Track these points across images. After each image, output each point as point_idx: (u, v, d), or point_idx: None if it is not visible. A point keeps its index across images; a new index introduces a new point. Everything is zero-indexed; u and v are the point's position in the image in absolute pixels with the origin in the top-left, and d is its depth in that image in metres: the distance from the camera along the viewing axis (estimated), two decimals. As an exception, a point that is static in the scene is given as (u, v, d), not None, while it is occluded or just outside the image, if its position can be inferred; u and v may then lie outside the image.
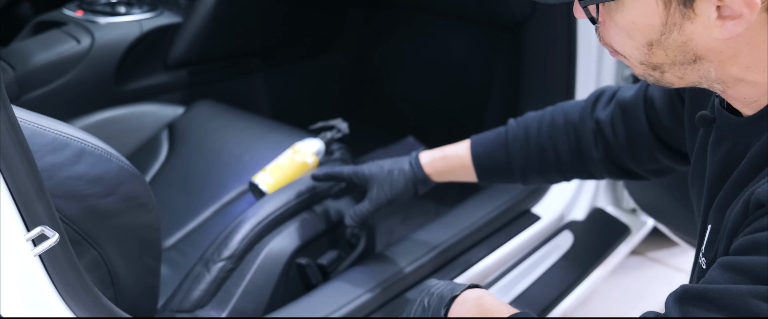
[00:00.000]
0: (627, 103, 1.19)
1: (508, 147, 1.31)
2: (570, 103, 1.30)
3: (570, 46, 1.79)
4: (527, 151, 1.29)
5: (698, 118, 0.94)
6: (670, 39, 0.80)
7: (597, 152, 1.23)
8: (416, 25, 2.40)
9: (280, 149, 1.58)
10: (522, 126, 1.31)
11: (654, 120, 1.15)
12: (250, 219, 1.38)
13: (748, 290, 0.72)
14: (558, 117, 1.28)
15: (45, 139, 0.95)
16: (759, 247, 0.74)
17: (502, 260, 1.67)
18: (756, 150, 0.82)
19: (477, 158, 1.34)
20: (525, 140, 1.29)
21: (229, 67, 2.24)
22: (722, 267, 0.77)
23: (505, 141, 1.31)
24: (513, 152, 1.30)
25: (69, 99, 1.89)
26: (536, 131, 1.29)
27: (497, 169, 1.33)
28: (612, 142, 1.21)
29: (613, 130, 1.20)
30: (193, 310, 1.30)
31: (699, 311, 0.76)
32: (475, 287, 1.04)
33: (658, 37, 0.80)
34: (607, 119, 1.21)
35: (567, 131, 1.26)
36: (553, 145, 1.27)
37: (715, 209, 0.88)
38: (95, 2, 2.06)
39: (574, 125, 1.26)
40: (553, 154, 1.27)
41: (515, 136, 1.31)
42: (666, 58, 0.82)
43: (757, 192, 0.77)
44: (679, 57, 0.81)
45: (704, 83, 0.84)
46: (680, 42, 0.80)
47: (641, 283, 2.21)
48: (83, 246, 1.00)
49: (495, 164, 1.32)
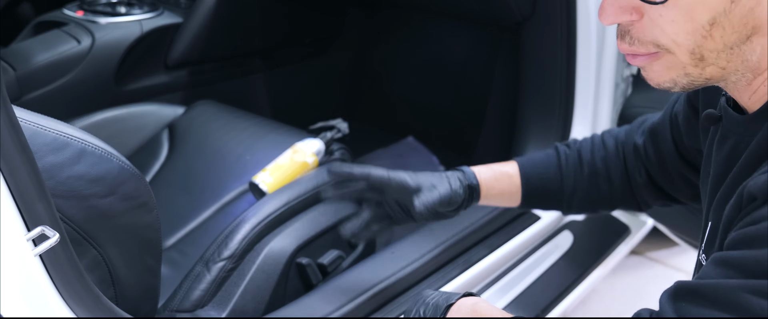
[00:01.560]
0: (656, 126, 1.19)
1: (562, 170, 1.26)
2: (618, 128, 1.29)
3: (570, 46, 1.79)
4: (581, 175, 1.25)
5: (705, 117, 0.94)
6: (738, 7, 0.77)
7: (640, 177, 1.22)
8: (416, 25, 2.40)
9: (280, 149, 1.58)
10: (574, 149, 1.27)
11: (678, 140, 1.14)
12: (250, 219, 1.38)
13: (740, 285, 0.72)
14: (608, 140, 1.26)
15: (45, 139, 0.95)
16: (750, 241, 0.74)
17: (502, 260, 1.67)
18: (754, 146, 0.82)
19: (526, 177, 1.27)
20: (578, 163, 1.26)
21: (229, 68, 2.24)
22: (715, 262, 0.77)
23: (557, 163, 1.27)
24: (567, 174, 1.26)
25: (69, 99, 1.89)
26: (590, 155, 1.26)
27: (546, 190, 1.27)
28: (647, 165, 1.21)
29: (647, 154, 1.20)
30: (193, 310, 1.30)
31: (692, 306, 0.76)
32: (469, 296, 1.05)
33: (727, 7, 0.77)
34: (642, 143, 1.21)
35: (618, 155, 1.25)
36: (605, 170, 1.24)
37: (716, 206, 0.88)
38: (96, 2, 2.06)
39: (622, 147, 1.25)
40: (605, 179, 1.24)
41: (567, 158, 1.27)
42: (721, 39, 0.79)
43: (749, 185, 0.77)
44: (736, 34, 0.78)
45: (739, 73, 0.82)
46: (748, 9, 0.77)
47: (641, 283, 2.21)
48: (84, 246, 1.00)
49: (545, 184, 1.27)
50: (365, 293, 1.39)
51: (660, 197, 1.23)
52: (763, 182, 0.75)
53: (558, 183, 1.27)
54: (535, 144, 1.87)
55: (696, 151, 1.11)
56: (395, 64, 2.47)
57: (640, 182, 1.22)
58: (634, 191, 1.24)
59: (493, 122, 2.15)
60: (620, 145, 1.25)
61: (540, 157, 1.30)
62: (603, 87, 1.83)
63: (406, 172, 1.24)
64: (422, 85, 2.40)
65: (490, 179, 1.28)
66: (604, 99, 1.84)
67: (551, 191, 1.27)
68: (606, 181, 1.24)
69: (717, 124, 0.93)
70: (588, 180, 1.25)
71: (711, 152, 0.95)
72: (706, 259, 0.89)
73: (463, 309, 1.02)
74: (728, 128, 0.90)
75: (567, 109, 1.83)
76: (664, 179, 1.20)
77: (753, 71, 0.82)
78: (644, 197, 1.24)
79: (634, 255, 2.30)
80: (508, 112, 2.02)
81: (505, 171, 1.29)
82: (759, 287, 0.71)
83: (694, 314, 0.76)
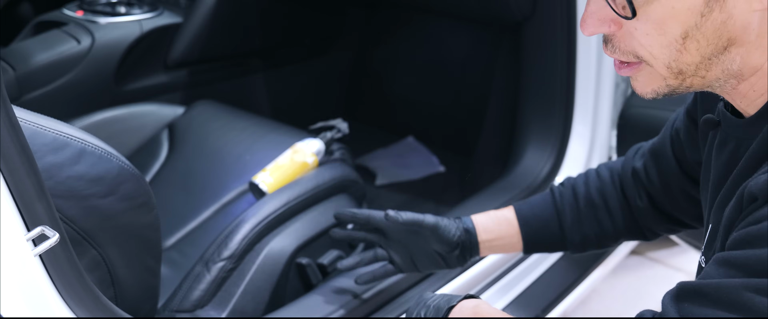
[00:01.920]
0: (656, 145, 1.18)
1: (557, 206, 1.25)
2: (613, 160, 1.28)
3: (570, 46, 1.79)
4: (578, 209, 1.24)
5: (704, 122, 0.94)
6: (709, 22, 0.77)
7: (641, 202, 1.20)
8: (416, 25, 2.40)
9: (280, 149, 1.58)
10: (568, 186, 1.26)
11: (681, 157, 1.13)
12: (250, 219, 1.38)
13: (742, 284, 0.72)
14: (603, 171, 1.25)
15: (45, 139, 0.95)
16: (752, 240, 0.74)
17: (502, 260, 1.67)
18: (754, 148, 0.83)
19: (524, 220, 1.26)
20: (573, 198, 1.24)
21: (229, 67, 2.24)
22: (717, 262, 0.77)
23: (552, 201, 1.26)
24: (562, 211, 1.24)
25: (69, 99, 1.89)
26: (584, 188, 1.24)
27: (546, 231, 1.25)
28: (649, 188, 1.19)
29: (648, 176, 1.18)
30: (193, 310, 1.30)
31: (694, 306, 0.76)
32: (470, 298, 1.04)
33: (697, 22, 0.77)
34: (642, 167, 1.19)
35: (614, 184, 1.23)
36: (603, 201, 1.23)
37: (716, 209, 0.88)
38: (95, 2, 2.06)
39: (619, 176, 1.23)
40: (604, 210, 1.23)
41: (562, 194, 1.25)
42: (697, 52, 0.79)
43: (750, 186, 0.77)
44: (711, 46, 0.79)
45: (721, 80, 0.82)
46: (720, 22, 0.77)
47: (641, 283, 2.21)
48: (83, 246, 1.00)
49: (544, 225, 1.25)
50: (365, 293, 1.39)
51: (665, 221, 1.21)
52: (763, 181, 0.75)
53: (556, 221, 1.25)
54: (535, 144, 1.87)
55: (699, 165, 1.10)
56: (395, 64, 2.47)
57: (642, 207, 1.20)
58: (637, 219, 1.22)
59: (493, 122, 2.15)
60: (616, 173, 1.23)
61: (535, 199, 1.29)
62: (603, 87, 1.83)
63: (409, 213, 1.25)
64: (422, 85, 2.40)
65: (487, 222, 1.27)
66: (604, 99, 1.84)
67: (551, 231, 1.25)
68: (605, 212, 1.23)
69: (716, 128, 0.93)
70: (586, 214, 1.23)
71: (710, 157, 0.95)
72: (706, 260, 0.89)
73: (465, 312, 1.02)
74: (727, 132, 0.90)
75: (567, 109, 1.83)
76: (667, 200, 1.18)
77: (736, 78, 0.82)
78: (649, 224, 1.22)
79: (634, 255, 2.30)
80: (508, 112, 2.02)
81: (501, 215, 1.28)
82: (761, 285, 0.71)
83: (697, 314, 0.76)
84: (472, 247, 1.26)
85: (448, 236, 1.24)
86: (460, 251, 1.26)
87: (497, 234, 1.27)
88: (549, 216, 1.25)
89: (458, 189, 2.16)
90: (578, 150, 1.85)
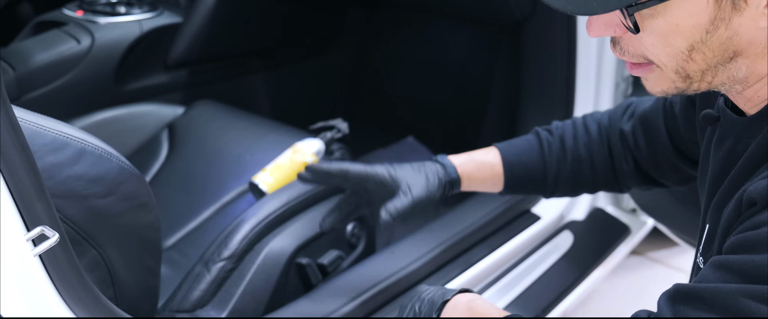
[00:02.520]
0: (647, 114, 1.18)
1: (545, 156, 1.26)
2: (600, 112, 1.29)
3: (570, 46, 1.79)
4: (564, 162, 1.25)
5: (703, 117, 0.94)
6: (714, 37, 0.77)
7: (627, 164, 1.22)
8: (416, 25, 2.40)
9: (280, 149, 1.58)
10: (557, 136, 1.27)
11: (673, 130, 1.14)
12: (250, 219, 1.38)
13: (738, 289, 0.72)
14: (591, 125, 1.26)
15: (45, 139, 0.95)
16: (750, 245, 0.74)
17: (502, 260, 1.67)
18: (753, 148, 0.83)
19: (508, 165, 1.27)
20: (561, 150, 1.25)
21: (229, 67, 2.24)
22: (714, 266, 0.77)
23: (540, 150, 1.27)
24: (550, 162, 1.26)
25: (69, 99, 1.89)
26: (573, 141, 1.25)
27: (529, 178, 1.27)
28: (635, 153, 1.21)
29: (636, 143, 1.20)
30: (193, 310, 1.30)
31: (690, 310, 0.76)
32: (465, 292, 1.04)
33: (702, 37, 0.78)
34: (630, 130, 1.21)
35: (601, 141, 1.24)
36: (589, 156, 1.24)
37: (713, 208, 0.88)
38: (95, 2, 2.06)
39: (607, 134, 1.24)
40: (589, 165, 1.24)
41: (550, 144, 1.26)
42: (703, 62, 0.80)
43: (749, 190, 0.77)
44: (717, 57, 0.79)
45: (726, 85, 0.83)
46: (725, 38, 0.77)
47: (641, 283, 2.21)
48: (83, 246, 1.00)
49: (528, 172, 1.26)
50: (365, 293, 1.39)
51: (644, 182, 1.24)
52: (762, 187, 0.75)
53: (541, 171, 1.27)
54: (535, 144, 1.87)
55: (692, 142, 1.11)
56: (395, 63, 2.47)
57: (626, 169, 1.22)
58: (618, 176, 1.24)
59: (493, 122, 2.15)
60: (604, 131, 1.24)
61: (521, 144, 1.29)
62: (603, 87, 1.83)
63: (385, 166, 1.24)
64: (423, 85, 2.40)
65: (472, 169, 1.28)
66: (604, 99, 1.84)
67: (534, 178, 1.27)
68: (590, 167, 1.24)
69: (715, 124, 0.93)
70: (571, 166, 1.25)
71: (708, 152, 0.95)
72: (703, 261, 0.89)
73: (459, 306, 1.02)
74: (726, 129, 0.90)
75: (567, 109, 1.83)
76: (652, 167, 1.20)
77: (742, 83, 0.82)
78: (627, 181, 1.24)
79: (634, 255, 2.30)
80: (509, 112, 2.02)
81: (487, 161, 1.28)
82: (758, 291, 0.71)
83: (692, 317, 0.76)
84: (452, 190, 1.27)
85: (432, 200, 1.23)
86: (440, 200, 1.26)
87: (480, 180, 1.28)
88: (535, 165, 1.27)
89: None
90: (578, 150, 1.85)
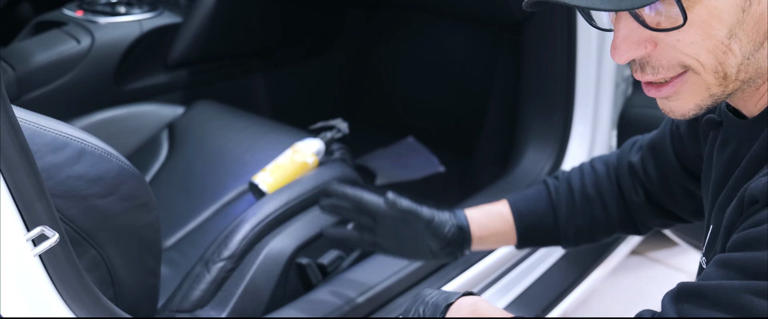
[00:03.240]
0: (655, 140, 1.17)
1: (553, 201, 1.24)
2: (606, 154, 1.27)
3: (570, 46, 1.79)
4: (573, 203, 1.23)
5: (705, 122, 0.94)
6: (749, 16, 0.76)
7: (637, 196, 1.19)
8: (416, 25, 2.40)
9: (280, 149, 1.58)
10: (563, 180, 1.25)
11: (681, 152, 1.13)
12: (250, 219, 1.38)
13: (741, 286, 0.73)
14: (598, 165, 1.24)
15: (45, 139, 0.95)
16: (752, 242, 0.74)
17: (502, 260, 1.67)
18: (756, 149, 0.83)
19: (519, 215, 1.25)
20: (568, 192, 1.23)
21: (229, 67, 2.24)
22: (717, 264, 0.77)
23: (547, 195, 1.25)
24: (558, 205, 1.24)
25: (69, 99, 1.89)
26: (579, 182, 1.24)
27: (541, 224, 1.24)
28: (646, 183, 1.18)
29: (645, 170, 1.18)
30: (193, 310, 1.30)
31: (694, 307, 0.77)
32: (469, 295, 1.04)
33: (740, 18, 0.76)
34: (639, 161, 1.19)
35: (610, 178, 1.22)
36: (598, 195, 1.22)
37: (717, 210, 0.88)
38: (95, 2, 2.06)
39: (615, 170, 1.22)
40: (600, 204, 1.22)
41: (557, 189, 1.25)
42: (740, 51, 0.78)
43: (751, 188, 0.77)
44: (751, 43, 0.78)
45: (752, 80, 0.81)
46: (758, 15, 0.76)
47: (641, 283, 2.21)
48: (83, 246, 1.00)
49: (539, 219, 1.24)
50: (365, 293, 1.39)
51: (660, 216, 1.21)
52: (763, 184, 0.75)
53: (551, 216, 1.24)
54: (535, 144, 1.87)
55: (700, 159, 1.10)
56: (395, 63, 2.47)
57: (638, 202, 1.19)
58: (632, 213, 1.22)
59: (493, 122, 2.15)
60: (612, 167, 1.23)
61: (530, 192, 1.28)
62: (603, 87, 1.83)
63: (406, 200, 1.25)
64: (422, 85, 2.40)
65: (482, 217, 1.27)
66: (604, 99, 1.84)
67: (546, 226, 1.25)
68: (600, 206, 1.22)
69: (717, 129, 0.93)
70: (581, 208, 1.23)
71: (711, 157, 0.95)
72: (707, 262, 0.89)
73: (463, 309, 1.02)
74: (729, 133, 0.90)
75: (567, 109, 1.83)
76: (664, 195, 1.18)
77: (762, 77, 0.82)
78: (643, 218, 1.22)
79: (634, 255, 2.30)
80: (509, 112, 2.02)
81: (496, 210, 1.27)
82: (761, 288, 0.71)
83: (696, 315, 0.76)
84: (464, 242, 1.26)
85: (442, 232, 1.24)
86: (451, 247, 1.25)
87: (491, 230, 1.27)
88: (544, 211, 1.25)
89: (458, 189, 2.16)
90: (578, 150, 1.85)
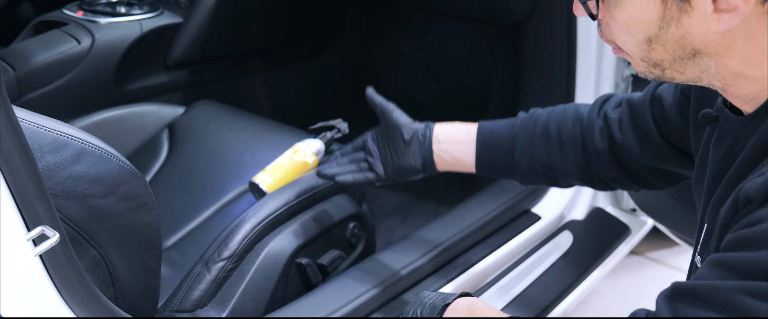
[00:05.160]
0: (635, 102, 1.18)
1: (514, 129, 1.27)
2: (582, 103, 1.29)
3: (570, 46, 1.79)
4: (532, 135, 1.25)
5: (702, 116, 0.94)
6: (668, 34, 0.81)
7: (601, 143, 1.20)
8: (416, 25, 2.40)
9: (280, 149, 1.58)
10: (532, 113, 1.29)
11: (661, 120, 1.13)
12: (250, 219, 1.38)
13: (734, 286, 0.73)
14: (569, 109, 1.27)
15: (45, 139, 0.95)
16: (746, 242, 0.74)
17: (502, 259, 1.67)
18: (750, 147, 0.83)
19: (481, 135, 1.29)
20: (532, 125, 1.26)
21: (229, 67, 2.24)
22: (711, 264, 0.77)
23: (512, 124, 1.29)
24: (517, 133, 1.27)
25: (69, 99, 1.89)
26: (545, 118, 1.26)
27: (498, 150, 1.28)
28: (618, 139, 1.19)
29: (621, 128, 1.18)
30: (193, 310, 1.30)
31: (687, 307, 0.77)
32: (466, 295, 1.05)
33: (656, 32, 0.81)
34: (616, 118, 1.20)
35: (574, 123, 1.24)
36: (557, 132, 1.24)
37: (712, 208, 0.88)
38: (95, 2, 2.06)
39: (581, 119, 1.24)
40: (557, 142, 1.24)
41: (524, 121, 1.28)
42: (665, 53, 0.83)
43: (745, 188, 0.77)
44: (678, 52, 0.82)
45: (705, 80, 0.84)
46: (678, 36, 0.80)
47: (641, 283, 2.21)
48: (83, 246, 1.00)
49: (498, 143, 1.28)
50: (365, 293, 1.39)
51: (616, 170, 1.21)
52: (758, 184, 0.75)
53: (509, 144, 1.27)
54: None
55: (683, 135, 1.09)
56: (396, 63, 2.47)
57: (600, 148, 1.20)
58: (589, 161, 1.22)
59: (493, 122, 2.15)
60: (580, 114, 1.24)
61: (501, 120, 1.32)
62: (603, 87, 1.83)
63: None
64: (422, 85, 2.40)
65: (448, 126, 1.32)
66: (604, 99, 1.84)
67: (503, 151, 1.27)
68: (557, 145, 1.24)
69: (714, 124, 0.93)
70: (539, 142, 1.25)
71: (707, 152, 0.95)
72: (701, 260, 0.89)
73: (460, 309, 1.02)
74: (725, 129, 0.90)
75: (567, 109, 1.83)
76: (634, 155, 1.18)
77: (721, 80, 0.83)
78: (598, 168, 1.22)
79: (634, 255, 2.30)
80: (509, 113, 2.01)
81: (465, 126, 1.32)
82: (754, 288, 0.71)
83: (690, 315, 0.76)
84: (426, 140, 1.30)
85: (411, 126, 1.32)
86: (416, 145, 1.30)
87: (453, 138, 1.30)
88: (505, 136, 1.28)
89: (458, 189, 2.16)
90: (578, 150, 1.85)
